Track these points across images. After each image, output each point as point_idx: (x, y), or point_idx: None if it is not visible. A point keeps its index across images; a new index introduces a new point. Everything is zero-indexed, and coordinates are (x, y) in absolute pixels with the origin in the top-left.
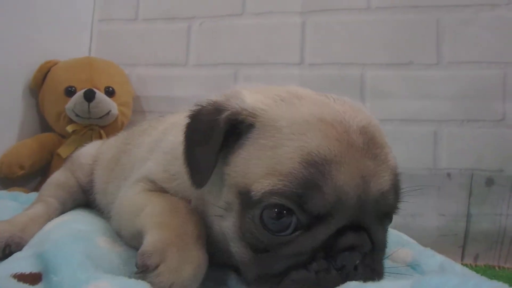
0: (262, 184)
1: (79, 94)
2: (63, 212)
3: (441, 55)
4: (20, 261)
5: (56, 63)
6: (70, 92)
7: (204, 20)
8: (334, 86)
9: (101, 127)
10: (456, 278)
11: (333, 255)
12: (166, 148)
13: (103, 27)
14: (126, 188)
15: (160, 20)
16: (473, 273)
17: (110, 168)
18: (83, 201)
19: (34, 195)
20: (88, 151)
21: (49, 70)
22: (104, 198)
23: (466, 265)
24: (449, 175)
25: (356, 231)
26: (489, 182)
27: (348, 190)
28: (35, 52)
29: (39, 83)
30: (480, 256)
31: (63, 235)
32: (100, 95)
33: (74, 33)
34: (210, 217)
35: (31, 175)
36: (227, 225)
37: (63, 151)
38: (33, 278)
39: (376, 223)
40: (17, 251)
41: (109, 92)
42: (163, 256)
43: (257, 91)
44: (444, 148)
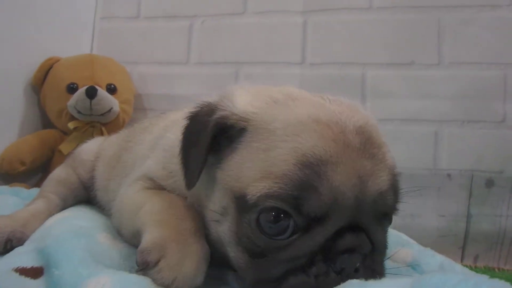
0: (257, 188)
1: (81, 91)
2: (64, 208)
3: (442, 55)
4: (22, 256)
5: (58, 60)
6: (72, 89)
7: (205, 18)
8: (335, 85)
9: (102, 124)
10: (457, 276)
11: (332, 258)
12: (166, 146)
13: (105, 25)
14: (126, 186)
15: (162, 18)
16: (473, 272)
17: (112, 165)
18: (84, 197)
19: (35, 191)
20: (89, 147)
21: (51, 67)
22: (105, 195)
23: (466, 266)
24: (449, 175)
25: (355, 232)
26: (489, 183)
27: (345, 191)
28: (37, 50)
29: (40, 80)
30: (480, 257)
31: (64, 231)
32: (102, 92)
33: (76, 31)
34: (207, 222)
35: (32, 171)
36: (223, 229)
37: (64, 147)
38: (35, 272)
39: (375, 224)
40: (19, 246)
41: (111, 90)
42: (163, 252)
43: (252, 92)
44: (444, 148)
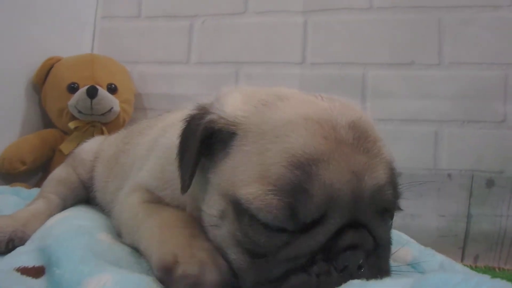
0: (251, 194)
1: (82, 90)
2: (64, 208)
3: (442, 55)
4: (23, 255)
5: (59, 59)
6: (72, 88)
7: (206, 18)
8: (335, 85)
9: (103, 123)
10: (458, 276)
11: (334, 256)
12: (160, 152)
13: (106, 24)
14: (125, 194)
15: (162, 18)
16: (474, 272)
17: (110, 166)
18: (84, 197)
19: (35, 190)
20: (89, 147)
21: (52, 67)
22: (104, 197)
23: (466, 266)
24: (449, 175)
25: (356, 229)
26: (490, 183)
27: (340, 187)
28: (37, 49)
29: (42, 79)
30: (480, 257)
31: (65, 230)
32: (102, 92)
33: (77, 31)
34: (206, 228)
35: (32, 170)
36: (223, 233)
37: (65, 147)
38: (36, 271)
39: (376, 220)
40: (20, 245)
41: (112, 89)
42: (175, 264)
43: (244, 95)
44: (444, 148)
